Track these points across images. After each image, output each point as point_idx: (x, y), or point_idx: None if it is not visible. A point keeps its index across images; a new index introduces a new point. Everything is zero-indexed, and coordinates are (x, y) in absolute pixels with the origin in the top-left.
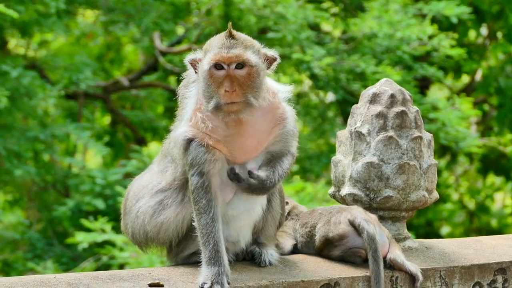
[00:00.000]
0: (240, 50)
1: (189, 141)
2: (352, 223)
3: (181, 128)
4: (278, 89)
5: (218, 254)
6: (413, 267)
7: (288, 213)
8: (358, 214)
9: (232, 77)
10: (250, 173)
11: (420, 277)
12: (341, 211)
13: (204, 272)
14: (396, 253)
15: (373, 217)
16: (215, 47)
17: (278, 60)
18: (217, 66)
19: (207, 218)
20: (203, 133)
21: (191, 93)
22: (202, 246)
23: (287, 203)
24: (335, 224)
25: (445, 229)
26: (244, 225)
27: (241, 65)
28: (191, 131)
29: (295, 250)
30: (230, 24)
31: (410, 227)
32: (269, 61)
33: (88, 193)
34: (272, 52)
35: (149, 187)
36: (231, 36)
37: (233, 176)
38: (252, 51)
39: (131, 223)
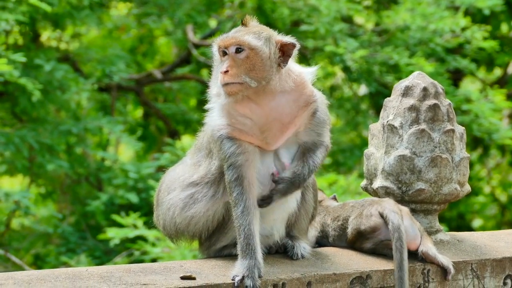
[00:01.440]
0: (240, 34)
1: (220, 136)
2: (381, 215)
3: (213, 122)
4: (303, 72)
5: (250, 247)
6: (445, 260)
7: (325, 206)
8: (387, 206)
9: (231, 60)
10: (273, 178)
11: (452, 270)
12: (372, 203)
13: (237, 265)
14: (428, 246)
15: (404, 209)
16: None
17: (298, 46)
18: (221, 51)
19: (238, 210)
20: (230, 126)
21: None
22: (237, 238)
23: None
24: (367, 217)
25: (477, 222)
26: (278, 219)
27: (240, 49)
28: (220, 125)
29: (319, 241)
30: (247, 15)
31: (442, 220)
32: (286, 47)
33: (121, 187)
34: (288, 38)
35: (180, 180)
36: (243, 24)
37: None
38: (255, 36)
39: (162, 215)
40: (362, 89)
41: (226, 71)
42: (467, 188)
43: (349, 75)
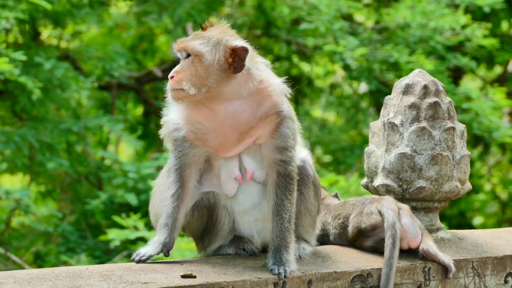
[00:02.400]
0: (189, 39)
1: (174, 136)
2: (380, 213)
3: (169, 120)
4: (269, 80)
5: (167, 226)
6: (446, 257)
7: (326, 204)
8: (386, 203)
9: (180, 65)
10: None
11: (453, 268)
12: (373, 201)
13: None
14: (429, 244)
15: (404, 207)
16: None
17: (249, 50)
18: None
19: (169, 193)
20: (185, 126)
21: None
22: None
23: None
24: (367, 215)
25: (477, 220)
26: (256, 220)
27: (188, 54)
28: (175, 124)
29: (320, 240)
30: (210, 19)
31: (442, 218)
32: (238, 51)
33: (120, 187)
34: (239, 42)
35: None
36: (202, 29)
37: None
38: (203, 41)
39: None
40: (362, 87)
41: (172, 76)
42: (468, 186)
43: (349, 73)
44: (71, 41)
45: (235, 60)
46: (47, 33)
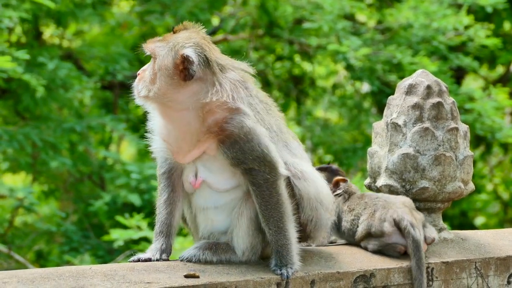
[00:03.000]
0: (154, 40)
1: (149, 137)
2: (397, 224)
3: (152, 121)
4: (226, 100)
5: (161, 234)
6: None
7: (345, 191)
8: (405, 216)
9: (148, 64)
10: None
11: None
12: (386, 206)
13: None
14: (430, 230)
15: (418, 217)
16: None
17: (191, 59)
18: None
19: (161, 200)
20: (156, 130)
21: None
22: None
23: (345, 180)
24: (380, 221)
25: (479, 220)
26: (237, 229)
27: (150, 56)
28: (150, 128)
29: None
30: (185, 22)
31: (444, 218)
32: (186, 59)
33: (123, 187)
34: (188, 50)
35: None
36: (174, 32)
37: None
38: (162, 44)
39: None
40: (365, 87)
41: (138, 74)
42: (471, 186)
43: (352, 73)
44: (73, 41)
45: (185, 68)
46: (49, 32)
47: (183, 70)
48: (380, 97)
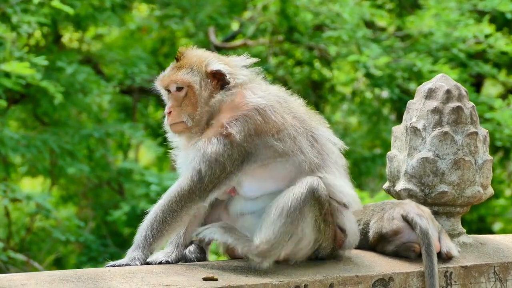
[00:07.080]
0: (173, 72)
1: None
2: (405, 218)
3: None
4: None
5: (171, 243)
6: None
7: None
8: (411, 209)
9: (173, 99)
10: None
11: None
12: (393, 206)
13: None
14: (450, 246)
15: (426, 211)
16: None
17: (224, 74)
18: (164, 90)
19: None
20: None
21: None
22: None
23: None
24: (389, 220)
25: (497, 225)
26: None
27: (179, 87)
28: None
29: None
30: (180, 48)
31: (462, 223)
32: (213, 76)
33: (143, 197)
34: (212, 67)
35: None
36: (177, 60)
37: None
38: (187, 71)
39: None
40: (384, 93)
41: (169, 112)
42: (490, 190)
43: (372, 80)
44: (92, 44)
45: (218, 80)
46: (68, 36)
47: (217, 83)
48: (400, 104)
